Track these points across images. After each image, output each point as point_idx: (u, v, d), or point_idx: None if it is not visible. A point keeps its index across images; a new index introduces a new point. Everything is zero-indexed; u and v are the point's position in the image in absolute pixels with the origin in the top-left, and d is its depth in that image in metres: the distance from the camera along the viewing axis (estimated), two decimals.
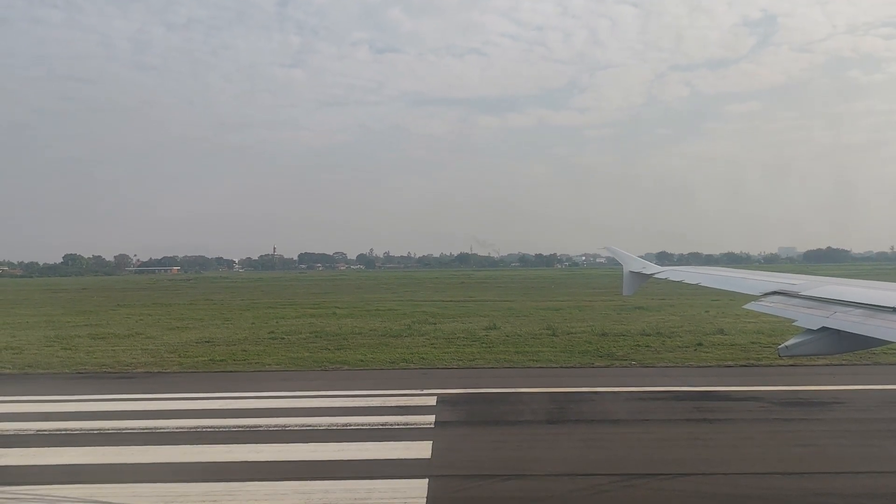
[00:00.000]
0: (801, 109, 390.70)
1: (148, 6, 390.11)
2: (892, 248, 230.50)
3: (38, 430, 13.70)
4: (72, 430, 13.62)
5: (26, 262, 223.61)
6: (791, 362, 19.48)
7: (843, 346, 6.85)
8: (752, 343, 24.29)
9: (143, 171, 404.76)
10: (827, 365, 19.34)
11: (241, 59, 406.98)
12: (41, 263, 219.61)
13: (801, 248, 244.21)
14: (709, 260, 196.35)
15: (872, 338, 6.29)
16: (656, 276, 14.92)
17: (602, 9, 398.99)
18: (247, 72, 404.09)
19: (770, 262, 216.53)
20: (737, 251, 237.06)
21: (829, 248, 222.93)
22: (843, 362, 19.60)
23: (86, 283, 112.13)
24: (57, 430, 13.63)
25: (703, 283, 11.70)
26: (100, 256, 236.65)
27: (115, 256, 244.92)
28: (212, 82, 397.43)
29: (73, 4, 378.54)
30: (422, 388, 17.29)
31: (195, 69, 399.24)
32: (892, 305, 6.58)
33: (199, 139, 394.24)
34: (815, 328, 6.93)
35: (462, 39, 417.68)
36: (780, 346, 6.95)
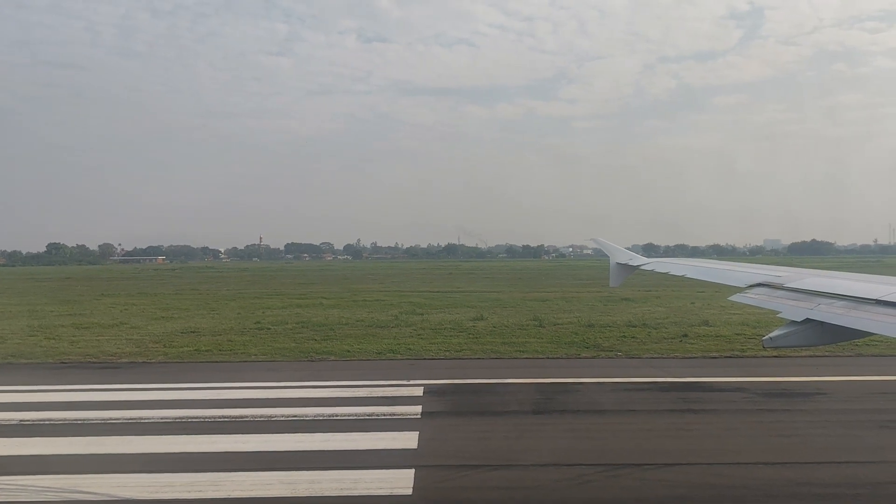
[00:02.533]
0: (788, 102, 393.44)
1: None
2: (876, 240, 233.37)
3: (20, 421, 13.58)
4: (55, 421, 13.50)
5: (9, 251, 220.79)
6: (775, 353, 19.69)
7: (826, 337, 6.93)
8: (737, 334, 24.51)
9: (129, 159, 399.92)
10: (810, 356, 19.57)
11: (228, 46, 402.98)
12: (24, 252, 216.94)
13: (787, 241, 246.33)
14: (695, 252, 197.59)
15: (855, 329, 6.37)
16: (642, 267, 15.03)
17: None
18: (234, 60, 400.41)
19: (755, 254, 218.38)
20: (723, 243, 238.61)
21: (813, 240, 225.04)
22: (827, 353, 19.82)
23: (70, 273, 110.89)
24: (40, 421, 13.51)
25: (689, 275, 11.80)
26: (84, 245, 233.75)
27: (99, 246, 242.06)
28: (198, 70, 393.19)
29: None
30: (409, 379, 17.30)
31: (181, 56, 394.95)
32: (874, 297, 6.66)
33: (186, 127, 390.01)
34: (799, 320, 7.00)
35: (451, 29, 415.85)
36: (764, 338, 7.02)
